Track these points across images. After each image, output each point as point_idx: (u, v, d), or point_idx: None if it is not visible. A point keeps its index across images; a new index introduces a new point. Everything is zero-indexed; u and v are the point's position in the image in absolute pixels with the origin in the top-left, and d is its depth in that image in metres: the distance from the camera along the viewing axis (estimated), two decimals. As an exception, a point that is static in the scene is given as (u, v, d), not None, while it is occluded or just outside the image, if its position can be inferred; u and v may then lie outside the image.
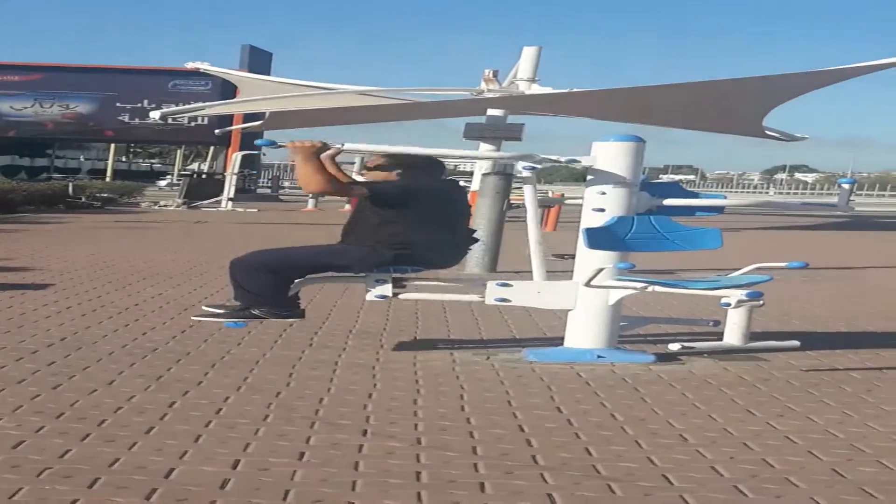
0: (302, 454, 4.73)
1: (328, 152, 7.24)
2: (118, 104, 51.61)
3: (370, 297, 7.40)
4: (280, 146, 7.60)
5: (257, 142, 8.14)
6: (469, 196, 17.02)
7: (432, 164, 7.64)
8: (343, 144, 7.36)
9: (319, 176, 7.11)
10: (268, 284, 7.29)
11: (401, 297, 7.51)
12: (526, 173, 7.47)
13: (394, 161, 7.44)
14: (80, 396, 5.77)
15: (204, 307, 7.92)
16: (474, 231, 8.06)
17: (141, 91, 50.55)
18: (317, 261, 7.52)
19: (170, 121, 46.59)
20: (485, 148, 19.93)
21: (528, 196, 7.59)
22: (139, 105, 49.85)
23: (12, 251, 14.96)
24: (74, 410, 5.46)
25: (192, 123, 49.16)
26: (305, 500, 4.08)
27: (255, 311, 7.34)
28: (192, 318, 8.04)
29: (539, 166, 7.52)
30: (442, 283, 7.92)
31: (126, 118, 51.86)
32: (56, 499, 4.00)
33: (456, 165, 67.62)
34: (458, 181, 9.01)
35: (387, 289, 7.33)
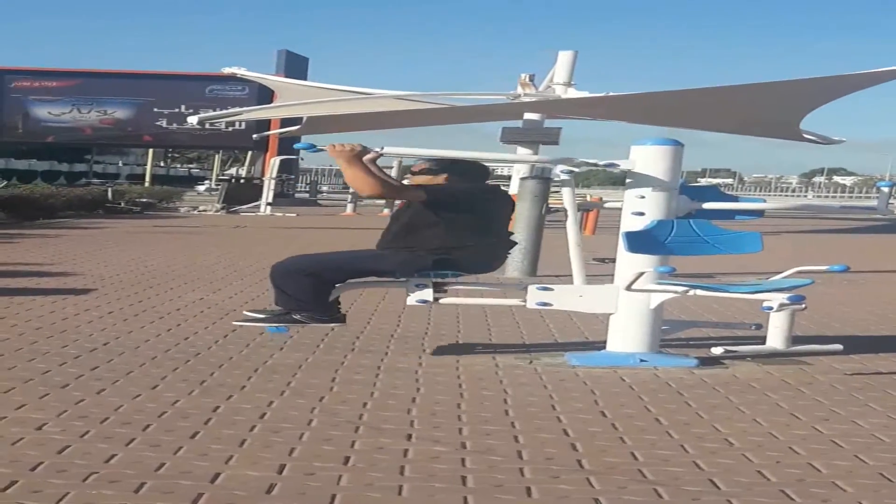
0: (347, 458, 4.74)
1: (368, 156, 7.25)
2: (155, 109, 51.71)
3: (411, 301, 7.40)
4: (320, 150, 7.61)
5: (297, 145, 8.16)
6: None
7: (478, 169, 7.65)
8: (382, 148, 7.37)
9: (371, 178, 7.13)
10: (308, 289, 7.31)
11: (441, 301, 7.50)
12: (564, 177, 7.47)
13: (440, 165, 7.45)
14: (124, 401, 5.79)
15: (245, 312, 7.95)
16: (512, 234, 8.05)
17: (178, 96, 50.65)
18: (357, 265, 7.54)
19: (207, 126, 46.91)
20: (522, 152, 19.94)
21: (567, 199, 7.58)
22: (176, 110, 49.95)
23: (54, 256, 15.05)
24: (119, 415, 5.48)
25: (230, 128, 49.21)
26: (352, 504, 4.08)
27: (297, 316, 7.36)
28: (234, 322, 8.07)
29: (577, 169, 7.52)
30: (482, 288, 7.92)
31: (164, 123, 51.95)
32: (102, 504, 4.02)
33: (493, 169, 67.56)
34: (500, 186, 9.00)
35: (428, 293, 7.33)
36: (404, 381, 6.58)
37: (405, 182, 7.50)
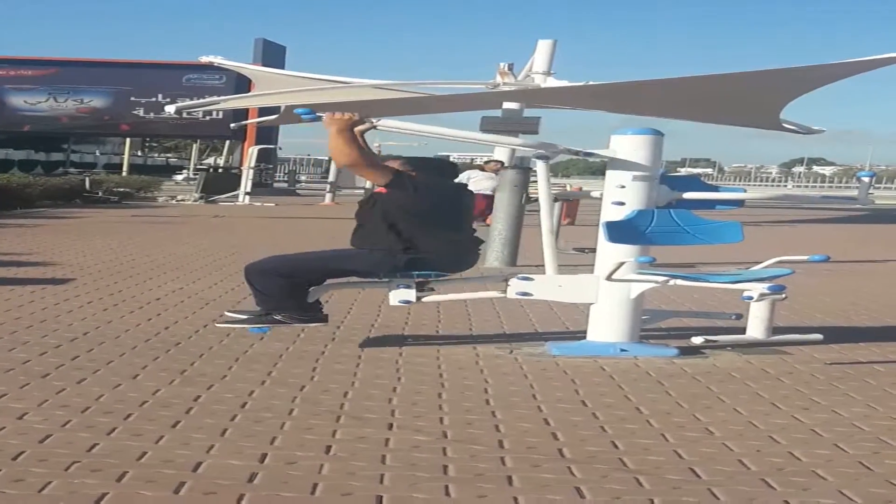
0: (329, 448, 4.74)
1: (360, 127, 7.25)
2: (132, 98, 51.50)
3: (393, 301, 7.37)
4: (318, 117, 7.55)
5: (297, 110, 8.05)
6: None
7: (446, 166, 7.67)
8: (379, 120, 7.37)
9: (350, 148, 7.12)
10: (283, 289, 7.29)
11: (424, 300, 7.48)
12: (540, 163, 7.46)
13: (412, 165, 7.42)
14: (105, 391, 5.78)
15: (227, 313, 7.96)
16: (475, 231, 8.00)
17: (155, 85, 50.42)
18: (330, 265, 7.53)
19: (185, 115, 46.75)
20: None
21: (540, 186, 7.55)
22: (154, 99, 49.75)
23: (32, 246, 15.00)
24: (100, 404, 5.47)
25: (207, 118, 49.06)
26: (334, 493, 4.08)
27: (277, 317, 7.34)
28: (216, 324, 8.01)
29: (551, 158, 7.51)
30: (463, 279, 7.92)
31: (141, 112, 51.74)
32: (85, 492, 4.01)
33: (472, 159, 67.52)
34: (465, 184, 8.96)
35: (410, 294, 7.31)
36: (385, 370, 6.59)
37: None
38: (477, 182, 21.35)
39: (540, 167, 7.48)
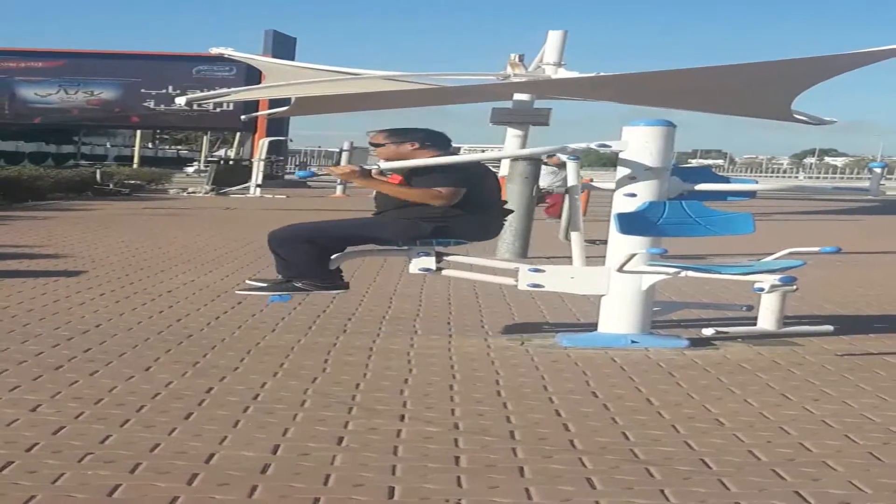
0: (341, 439, 4.76)
1: (374, 171, 7.30)
2: (143, 90, 51.54)
3: (413, 269, 7.43)
4: (320, 174, 7.59)
5: (298, 174, 8.11)
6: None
7: (443, 137, 7.64)
8: (379, 164, 7.36)
9: (389, 190, 7.23)
10: (307, 256, 7.34)
11: (444, 272, 7.53)
12: (570, 163, 7.45)
13: (401, 136, 7.42)
14: (117, 382, 5.81)
15: (248, 281, 7.99)
16: (506, 203, 8.05)
17: (165, 77, 50.43)
18: (355, 233, 7.58)
19: (195, 107, 46.82)
20: (512, 133, 19.96)
21: (570, 184, 7.55)
22: (164, 91, 49.76)
23: (44, 238, 15.03)
24: (113, 396, 5.49)
25: (218, 109, 49.18)
26: (346, 484, 4.10)
27: (298, 284, 7.37)
28: (237, 291, 8.08)
29: (578, 157, 7.51)
30: (479, 265, 7.94)
31: (151, 104, 51.79)
32: (98, 484, 4.03)
33: (483, 151, 67.40)
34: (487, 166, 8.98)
35: (430, 262, 7.36)
36: (396, 362, 6.61)
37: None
38: (541, 179, 20.92)
39: (570, 166, 7.48)
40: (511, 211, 8.23)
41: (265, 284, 7.64)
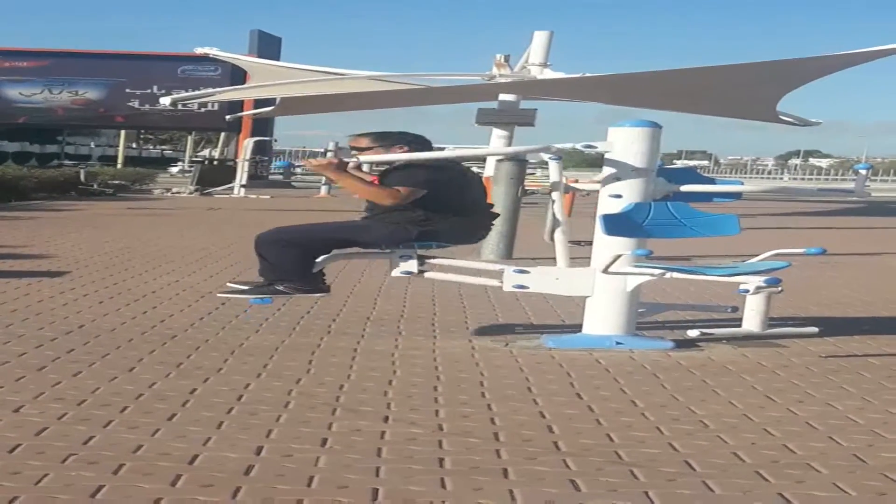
0: (324, 440, 4.75)
1: (351, 165, 7.30)
2: (128, 90, 51.51)
3: (396, 273, 7.42)
4: (297, 167, 7.60)
5: (277, 164, 8.09)
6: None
7: (423, 142, 7.63)
8: (359, 157, 7.36)
9: (357, 185, 7.24)
10: (292, 259, 7.33)
11: (426, 275, 7.52)
12: (553, 163, 7.44)
13: (389, 140, 7.42)
14: (100, 383, 5.79)
15: (229, 284, 7.96)
16: (493, 206, 8.06)
17: (150, 77, 50.41)
18: (341, 236, 7.56)
19: (179, 106, 46.74)
20: (497, 134, 19.93)
21: (553, 184, 7.55)
22: (148, 91, 49.75)
23: (27, 239, 14.99)
24: (96, 397, 5.48)
25: (203, 109, 49.11)
26: (330, 485, 4.09)
27: (280, 287, 7.36)
28: (218, 294, 8.06)
29: (559, 157, 7.50)
30: (465, 266, 7.93)
31: (136, 104, 51.76)
32: (82, 485, 4.02)
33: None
34: (469, 167, 8.99)
35: (412, 265, 7.36)
36: (381, 363, 6.59)
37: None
38: None
39: (553, 166, 7.47)
40: (498, 214, 8.23)
41: (246, 287, 7.61)
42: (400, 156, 7.26)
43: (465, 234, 7.55)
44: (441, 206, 7.19)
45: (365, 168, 7.50)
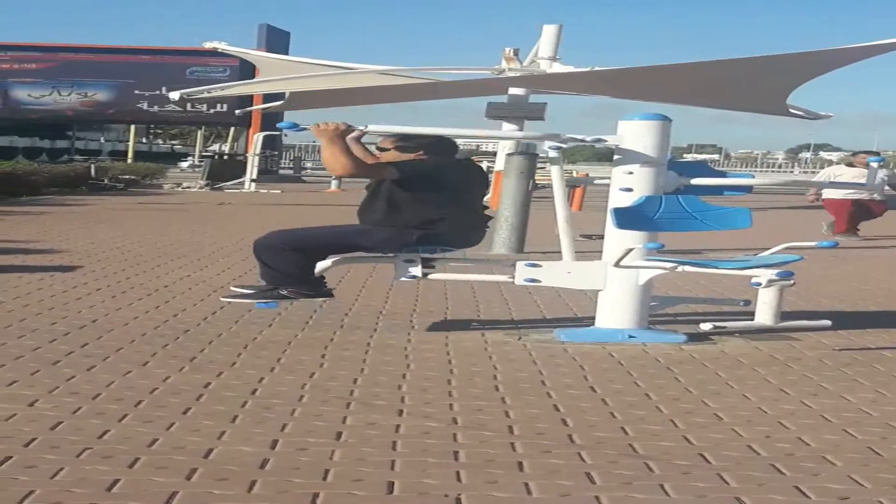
0: (339, 434, 4.76)
1: (353, 134, 7.24)
2: (136, 91, 51.49)
3: (400, 277, 7.42)
4: (303, 129, 7.58)
5: (279, 124, 8.09)
6: (493, 176, 17.03)
7: (448, 145, 7.64)
8: (367, 126, 7.34)
9: (344, 158, 7.10)
10: (292, 263, 7.32)
11: (430, 277, 7.52)
12: (553, 153, 7.46)
13: (412, 143, 7.43)
14: (114, 378, 5.80)
15: (232, 287, 7.95)
16: (486, 208, 8.07)
17: (159, 78, 50.25)
18: (341, 241, 7.55)
19: (188, 107, 46.84)
20: (507, 128, 19.92)
21: (555, 176, 7.58)
22: (157, 92, 49.65)
23: (39, 233, 15.01)
24: (110, 391, 5.49)
25: (212, 111, 49.23)
26: (345, 479, 4.10)
27: (283, 292, 7.36)
28: (222, 298, 8.08)
29: (565, 146, 7.51)
30: (470, 264, 7.93)
31: (145, 105, 51.75)
32: (97, 479, 4.02)
33: (478, 145, 67.46)
34: (471, 160, 9.01)
35: (416, 269, 7.35)
36: (394, 357, 6.60)
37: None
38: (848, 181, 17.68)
39: (555, 158, 7.48)
40: (491, 217, 8.23)
41: (251, 291, 7.61)
42: (405, 129, 7.26)
43: (466, 236, 7.52)
44: (446, 199, 7.18)
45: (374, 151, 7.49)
